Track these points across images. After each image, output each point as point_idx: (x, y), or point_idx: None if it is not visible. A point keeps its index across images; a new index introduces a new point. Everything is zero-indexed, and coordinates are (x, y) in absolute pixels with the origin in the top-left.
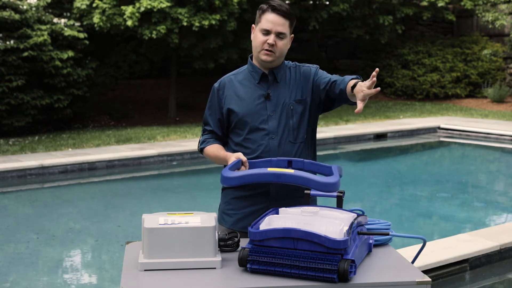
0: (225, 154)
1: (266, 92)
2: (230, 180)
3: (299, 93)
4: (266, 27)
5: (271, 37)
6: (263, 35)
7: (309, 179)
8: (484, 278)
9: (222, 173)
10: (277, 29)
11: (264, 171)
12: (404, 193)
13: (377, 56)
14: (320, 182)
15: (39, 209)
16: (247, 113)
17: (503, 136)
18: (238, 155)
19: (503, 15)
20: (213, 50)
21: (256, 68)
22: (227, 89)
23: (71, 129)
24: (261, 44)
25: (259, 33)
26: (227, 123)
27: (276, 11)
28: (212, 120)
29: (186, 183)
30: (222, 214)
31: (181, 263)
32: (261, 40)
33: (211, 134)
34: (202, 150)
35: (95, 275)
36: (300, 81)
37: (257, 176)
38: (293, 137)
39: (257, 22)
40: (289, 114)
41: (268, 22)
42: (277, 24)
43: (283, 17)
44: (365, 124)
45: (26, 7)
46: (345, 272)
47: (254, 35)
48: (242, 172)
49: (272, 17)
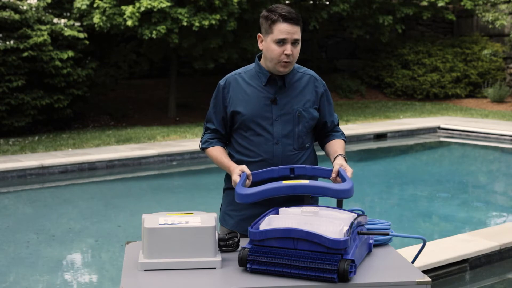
0: (229, 164)
1: (273, 96)
2: (248, 197)
3: (308, 101)
4: (282, 36)
5: (287, 47)
6: (279, 46)
7: (325, 188)
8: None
9: (237, 191)
10: (293, 37)
11: (279, 185)
12: (404, 193)
13: (377, 56)
14: (336, 189)
15: (39, 209)
16: (252, 115)
17: (503, 136)
18: (243, 168)
19: (503, 15)
20: (213, 50)
21: (263, 70)
22: (233, 88)
23: (71, 129)
24: (278, 55)
25: (274, 44)
26: (230, 123)
27: (288, 20)
28: (216, 118)
29: (186, 183)
30: (224, 214)
31: (181, 263)
32: (278, 52)
33: (214, 133)
34: (205, 149)
35: (95, 275)
36: (311, 91)
37: (273, 191)
38: (298, 145)
39: (266, 32)
40: (295, 121)
41: (282, 33)
42: (292, 32)
43: (296, 25)
44: (365, 124)
45: (26, 8)
46: (345, 272)
47: (267, 46)
48: (258, 188)
49: (286, 27)
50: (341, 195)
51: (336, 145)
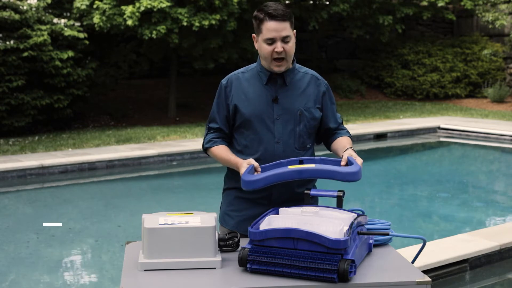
0: (236, 160)
1: (274, 95)
2: (254, 184)
3: (310, 101)
4: (270, 36)
5: (278, 45)
6: (269, 45)
7: (332, 171)
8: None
9: (243, 178)
10: (281, 35)
11: (285, 170)
12: (404, 193)
13: (377, 56)
14: (344, 172)
15: (39, 209)
16: (253, 114)
17: (503, 136)
18: (250, 161)
19: (503, 15)
20: (213, 50)
21: (264, 69)
22: (235, 87)
23: (71, 129)
24: (270, 54)
25: (264, 44)
26: (233, 121)
27: (274, 18)
28: (219, 117)
29: (186, 183)
30: (224, 215)
31: (181, 263)
32: (269, 51)
33: (218, 132)
34: (208, 149)
35: (95, 275)
36: (313, 90)
37: (279, 176)
38: (299, 144)
39: (257, 32)
40: (297, 120)
41: (270, 31)
42: (280, 30)
43: (283, 21)
44: (365, 124)
45: (26, 8)
46: (345, 272)
47: (259, 46)
48: (264, 174)
49: (272, 25)
50: (349, 177)
51: (343, 141)
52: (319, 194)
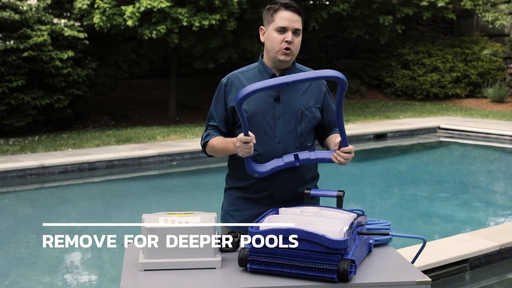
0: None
1: (276, 94)
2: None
3: (311, 101)
4: (283, 24)
5: (288, 35)
6: (280, 34)
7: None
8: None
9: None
10: (294, 26)
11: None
12: (404, 193)
13: (377, 56)
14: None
15: (39, 209)
16: (254, 113)
17: (503, 136)
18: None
19: (503, 15)
20: (213, 50)
21: (267, 68)
22: (235, 86)
23: (71, 129)
24: (279, 43)
25: (275, 32)
26: (232, 121)
27: (289, 8)
28: (217, 116)
29: (186, 183)
30: (225, 214)
31: (181, 263)
32: (279, 39)
33: (215, 129)
34: (206, 144)
35: (95, 275)
36: (315, 90)
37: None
38: (299, 143)
39: (268, 22)
40: (298, 120)
41: (283, 20)
42: (293, 20)
43: (297, 14)
44: (365, 124)
45: (26, 8)
46: (345, 272)
47: (268, 35)
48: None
49: (287, 14)
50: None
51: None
52: (319, 194)
